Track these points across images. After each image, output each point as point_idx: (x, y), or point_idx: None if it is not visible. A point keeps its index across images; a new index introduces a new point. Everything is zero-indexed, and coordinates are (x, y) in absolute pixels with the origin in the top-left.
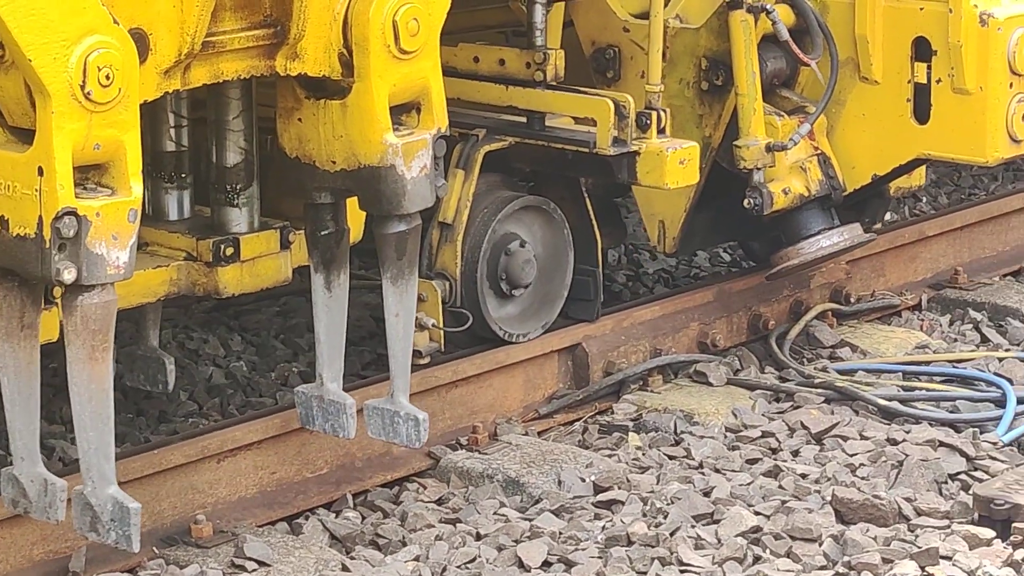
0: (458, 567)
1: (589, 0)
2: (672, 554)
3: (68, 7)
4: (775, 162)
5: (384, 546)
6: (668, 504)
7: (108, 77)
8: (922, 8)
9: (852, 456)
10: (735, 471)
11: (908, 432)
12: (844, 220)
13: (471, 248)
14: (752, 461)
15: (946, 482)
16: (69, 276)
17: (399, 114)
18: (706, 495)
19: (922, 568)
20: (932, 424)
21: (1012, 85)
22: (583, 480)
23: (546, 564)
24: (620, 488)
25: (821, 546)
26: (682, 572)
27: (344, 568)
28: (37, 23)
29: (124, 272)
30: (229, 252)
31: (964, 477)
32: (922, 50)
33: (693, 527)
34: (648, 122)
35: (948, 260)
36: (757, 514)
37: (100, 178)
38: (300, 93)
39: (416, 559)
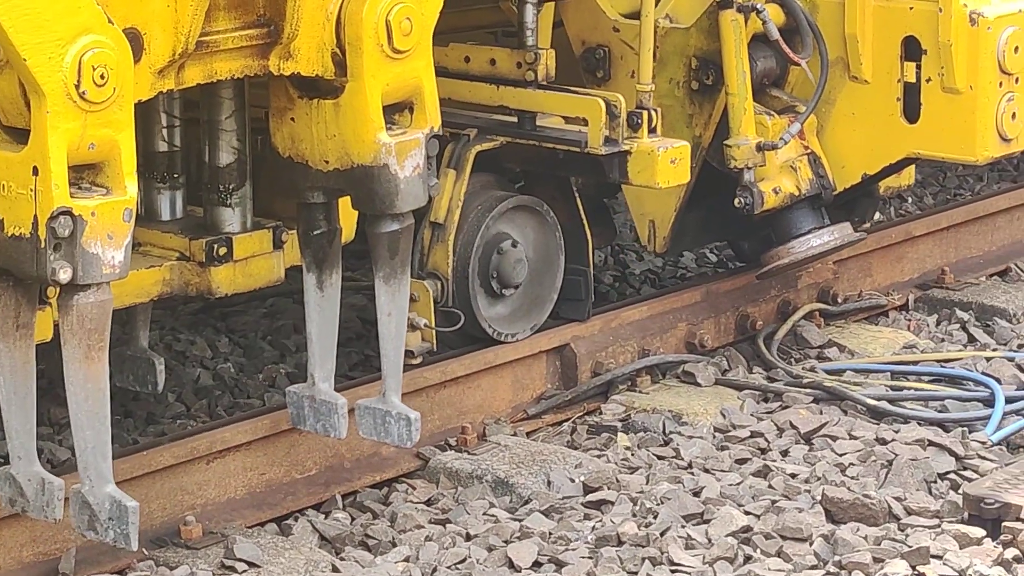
0: (448, 568)
1: (579, 0)
2: (663, 554)
3: (63, 7)
4: (765, 161)
5: (374, 547)
6: (658, 504)
7: (103, 77)
8: (912, 7)
9: (841, 456)
10: (724, 471)
11: (897, 432)
12: (834, 219)
13: (463, 248)
14: (741, 461)
15: (936, 481)
16: (65, 276)
17: (392, 113)
18: (696, 495)
19: (913, 567)
20: (921, 424)
21: (1002, 84)
22: (572, 480)
23: (536, 564)
24: (609, 488)
25: (812, 546)
26: (673, 572)
27: (334, 569)
28: (32, 23)
29: (120, 271)
30: (222, 252)
31: (953, 476)
32: (912, 49)
33: (683, 527)
34: (639, 122)
35: (935, 260)
36: (747, 514)
37: (95, 178)
38: (293, 93)
39: (406, 560)
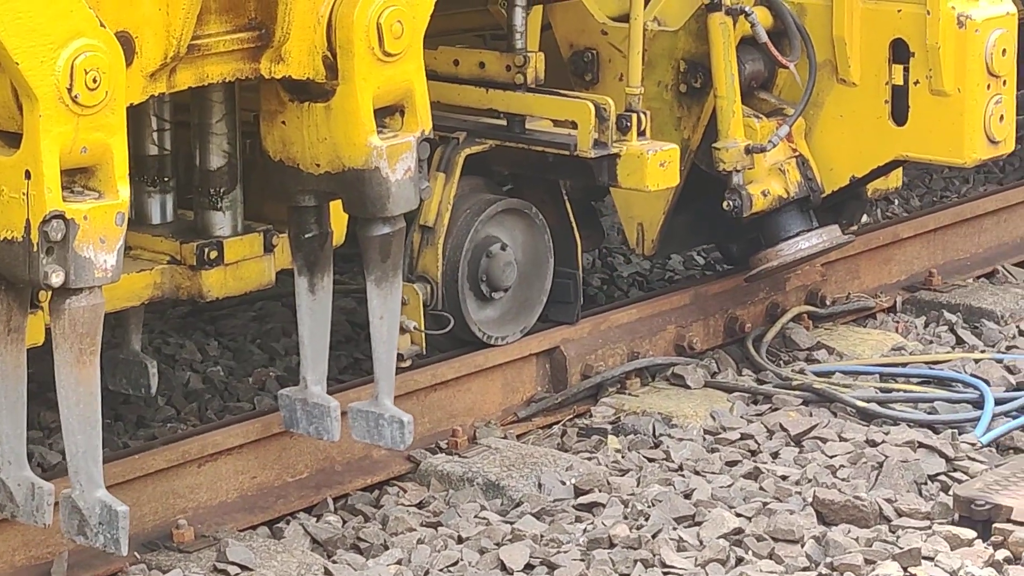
0: (440, 570)
1: (567, 3)
2: (655, 556)
3: (55, 10)
4: (754, 164)
5: (366, 550)
6: (649, 506)
7: (95, 80)
8: (900, 10)
9: (832, 458)
10: (715, 473)
11: (887, 433)
12: (822, 222)
13: (452, 251)
14: (732, 463)
15: (926, 483)
16: (57, 280)
17: (383, 117)
18: (687, 497)
19: (904, 569)
20: (911, 425)
21: (990, 86)
22: (563, 483)
23: (528, 567)
24: (600, 491)
25: (803, 547)
26: (665, 574)
27: (327, 572)
28: (24, 26)
29: (112, 275)
30: (213, 255)
31: (944, 478)
32: (900, 52)
33: (675, 529)
34: (628, 124)
35: (922, 262)
36: (739, 516)
37: (87, 181)
38: (284, 96)
39: (398, 562)
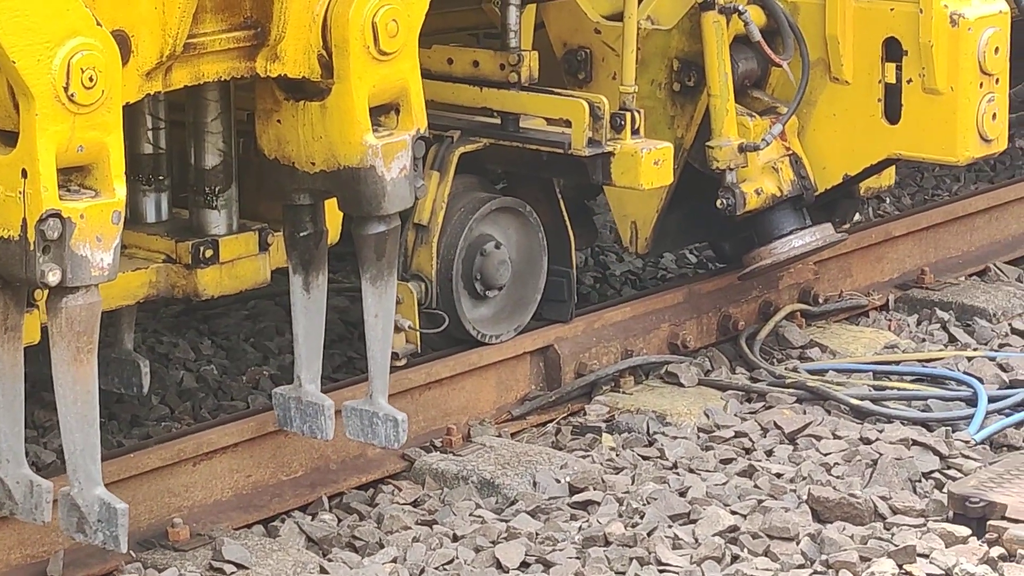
0: (436, 568)
1: (560, 2)
2: (650, 554)
3: (51, 9)
4: (747, 162)
5: (361, 548)
6: (644, 504)
7: (91, 79)
8: (892, 8)
9: (826, 455)
10: (710, 471)
11: (881, 431)
12: (815, 220)
13: (446, 249)
14: (726, 461)
15: (920, 480)
16: (54, 278)
17: (378, 115)
18: (682, 495)
19: (900, 566)
20: (905, 423)
21: (982, 85)
22: (558, 481)
23: (524, 565)
24: (595, 489)
25: (799, 545)
26: (661, 572)
27: (322, 570)
28: (20, 25)
29: (108, 274)
30: (208, 254)
31: (938, 475)
32: (893, 50)
33: (670, 527)
34: (622, 123)
35: (914, 260)
36: (734, 513)
37: (83, 180)
38: (279, 95)
39: (394, 561)
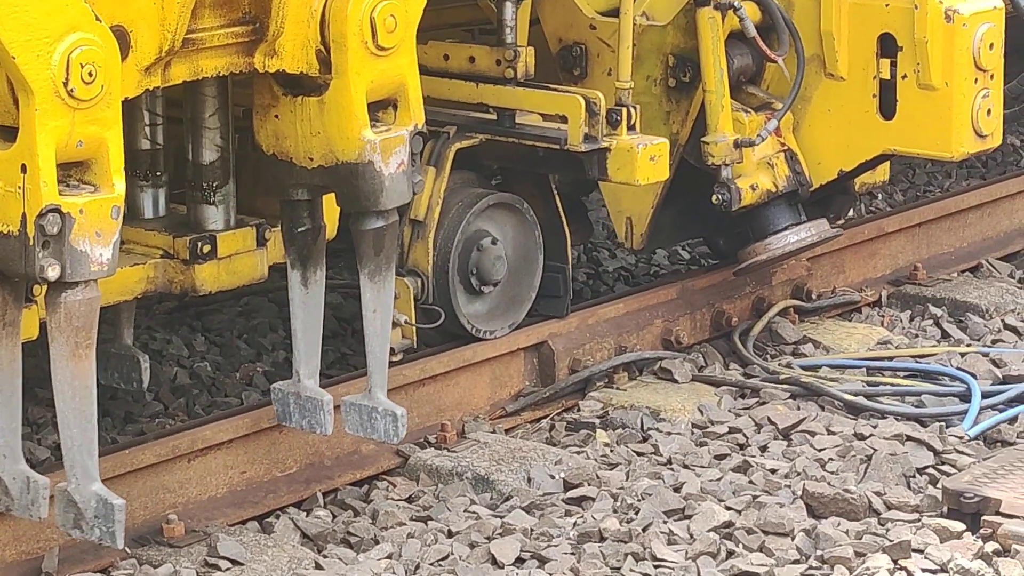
0: (431, 564)
1: None
2: (645, 549)
3: (51, 4)
4: (743, 158)
5: (356, 544)
6: (639, 500)
7: (91, 74)
8: (887, 4)
9: (820, 451)
10: (704, 467)
11: (875, 427)
12: (810, 216)
13: (443, 245)
14: (720, 457)
15: (915, 476)
16: (53, 273)
17: (376, 110)
18: (676, 491)
19: (894, 561)
20: (898, 419)
21: (977, 80)
22: (553, 477)
23: (519, 561)
24: (590, 485)
25: (794, 540)
26: (656, 567)
27: (317, 566)
28: (20, 20)
29: (107, 269)
30: (206, 249)
31: (932, 471)
32: (887, 46)
33: (665, 522)
34: (618, 119)
35: (907, 256)
36: (728, 509)
37: (83, 175)
38: (277, 90)
39: (389, 557)
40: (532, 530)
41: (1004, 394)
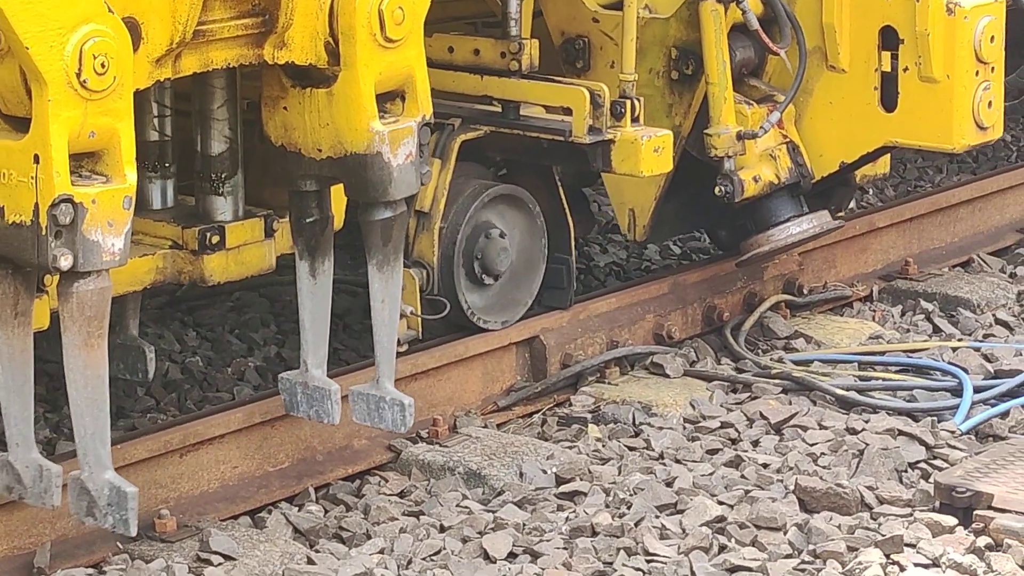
0: (423, 559)
1: None
2: (638, 544)
3: None
4: (745, 150)
5: (348, 539)
6: (631, 495)
7: (103, 65)
8: None
9: (812, 445)
10: (696, 461)
11: (867, 421)
12: (812, 207)
13: (448, 236)
14: (712, 451)
15: (906, 470)
16: (66, 263)
17: (384, 102)
18: (668, 485)
19: (887, 556)
20: (890, 413)
21: (978, 73)
22: (545, 472)
23: (512, 555)
24: (582, 479)
25: (786, 535)
26: (648, 562)
27: (310, 561)
28: (34, 11)
29: (119, 259)
30: (215, 240)
31: (924, 465)
32: (889, 39)
33: (657, 517)
34: (622, 111)
35: (898, 251)
36: (721, 504)
37: (95, 165)
38: (286, 81)
39: (381, 552)
40: (524, 525)
41: (996, 389)
